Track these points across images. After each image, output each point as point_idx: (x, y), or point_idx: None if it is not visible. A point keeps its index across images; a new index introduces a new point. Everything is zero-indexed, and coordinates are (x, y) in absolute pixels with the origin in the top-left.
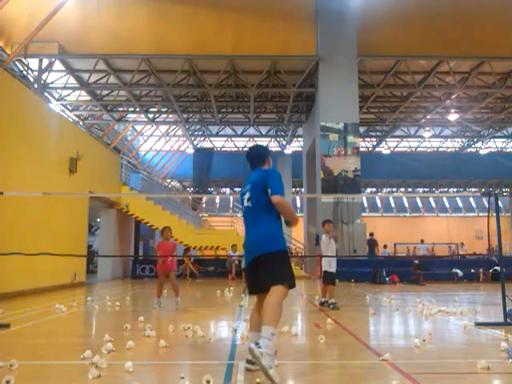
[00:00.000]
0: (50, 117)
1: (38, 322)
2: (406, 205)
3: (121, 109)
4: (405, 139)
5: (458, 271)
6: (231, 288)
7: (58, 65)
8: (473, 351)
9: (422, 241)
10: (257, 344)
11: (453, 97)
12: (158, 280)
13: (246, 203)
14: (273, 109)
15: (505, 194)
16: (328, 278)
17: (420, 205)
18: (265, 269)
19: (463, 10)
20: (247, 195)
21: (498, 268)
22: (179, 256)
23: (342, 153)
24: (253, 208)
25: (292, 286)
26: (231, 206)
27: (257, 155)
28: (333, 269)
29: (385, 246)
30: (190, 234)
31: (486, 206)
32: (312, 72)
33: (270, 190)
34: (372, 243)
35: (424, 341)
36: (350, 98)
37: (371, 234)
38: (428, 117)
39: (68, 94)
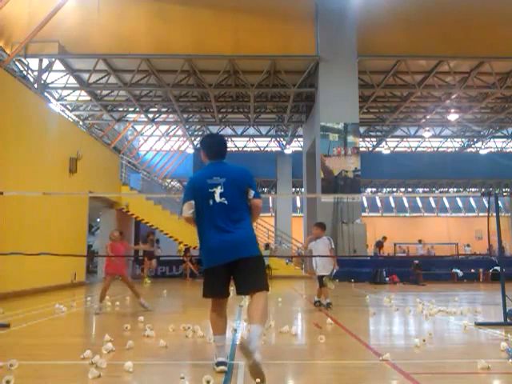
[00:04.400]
0: (50, 117)
1: (38, 322)
2: (406, 205)
3: (121, 109)
4: (405, 139)
5: (458, 271)
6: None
7: (58, 65)
8: (473, 351)
9: (420, 241)
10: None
11: (453, 97)
12: (105, 283)
13: (217, 199)
14: (273, 109)
15: (505, 194)
16: (319, 281)
17: (420, 205)
18: (249, 272)
19: (463, 10)
20: (219, 189)
21: (498, 268)
22: (131, 256)
23: (342, 153)
24: (231, 206)
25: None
26: None
27: (225, 145)
28: (321, 272)
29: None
30: (189, 234)
31: (486, 205)
32: (312, 72)
33: (252, 193)
34: (377, 245)
35: (424, 341)
36: (350, 98)
37: (384, 238)
38: (428, 117)
39: (68, 94)
